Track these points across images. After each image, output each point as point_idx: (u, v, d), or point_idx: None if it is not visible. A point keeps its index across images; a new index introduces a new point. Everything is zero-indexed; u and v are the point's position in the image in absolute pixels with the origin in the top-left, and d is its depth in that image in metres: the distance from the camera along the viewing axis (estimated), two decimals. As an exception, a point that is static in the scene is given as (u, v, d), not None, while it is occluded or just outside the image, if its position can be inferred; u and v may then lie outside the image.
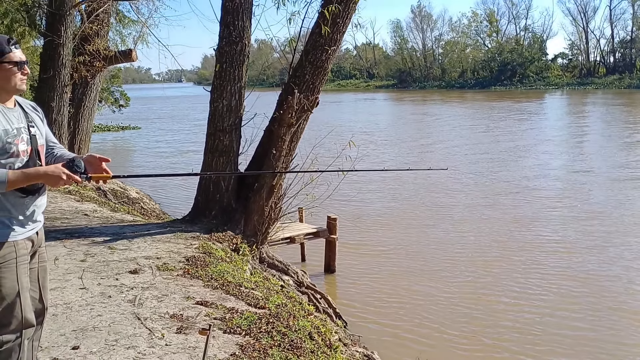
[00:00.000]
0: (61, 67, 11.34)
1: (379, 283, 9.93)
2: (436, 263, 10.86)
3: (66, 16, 11.24)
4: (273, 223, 8.11)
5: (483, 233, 12.79)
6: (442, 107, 53.91)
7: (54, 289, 4.63)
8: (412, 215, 14.54)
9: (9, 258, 2.57)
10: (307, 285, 7.88)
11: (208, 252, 6.27)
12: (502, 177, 19.09)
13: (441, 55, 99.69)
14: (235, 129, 7.85)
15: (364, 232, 12.88)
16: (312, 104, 7.68)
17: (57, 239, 6.43)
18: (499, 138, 29.25)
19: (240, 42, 7.65)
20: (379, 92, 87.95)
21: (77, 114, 13.12)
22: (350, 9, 7.56)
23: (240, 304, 4.71)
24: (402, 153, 25.16)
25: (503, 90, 79.91)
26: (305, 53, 7.71)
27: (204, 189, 8.05)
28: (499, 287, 9.65)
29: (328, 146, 8.58)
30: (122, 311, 4.32)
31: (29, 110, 2.76)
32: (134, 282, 5.03)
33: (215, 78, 7.85)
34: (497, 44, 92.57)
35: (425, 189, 17.66)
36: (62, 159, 2.76)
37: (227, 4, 7.62)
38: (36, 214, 2.72)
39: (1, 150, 2.52)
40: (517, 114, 43.40)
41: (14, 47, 2.59)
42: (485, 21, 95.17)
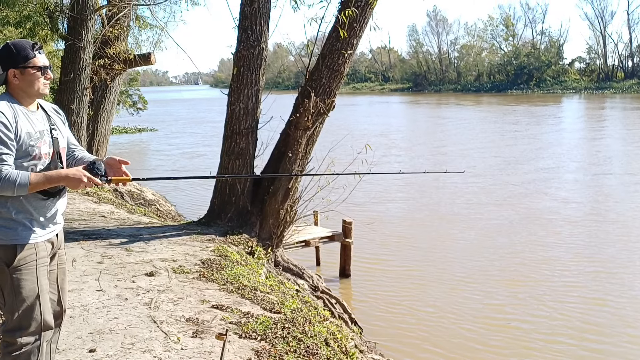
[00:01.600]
0: (81, 70, 11.48)
1: (396, 288, 9.86)
2: (455, 269, 10.70)
3: (87, 20, 11.38)
4: (288, 226, 8.11)
5: (502, 237, 12.61)
6: (457, 110, 53.63)
7: (72, 291, 4.67)
8: (429, 219, 14.44)
9: (29, 260, 2.59)
10: (322, 290, 7.86)
11: (223, 255, 6.28)
12: (520, 181, 18.84)
13: (457, 59, 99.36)
14: (252, 131, 7.87)
15: (380, 236, 12.81)
16: (329, 107, 7.69)
17: (75, 240, 6.48)
18: (516, 141, 29.00)
19: (257, 46, 7.67)
20: (394, 95, 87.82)
21: (96, 116, 13.27)
22: (367, 13, 7.55)
23: (255, 308, 4.70)
24: (418, 156, 25.03)
25: (520, 94, 79.38)
26: (322, 57, 7.72)
27: (219, 191, 8.08)
28: (520, 293, 9.46)
29: (344, 149, 8.55)
30: (138, 314, 4.34)
31: (52, 113, 2.79)
32: (150, 285, 5.05)
33: (233, 81, 7.88)
34: (514, 48, 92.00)
35: (442, 192, 17.54)
36: (83, 161, 2.79)
37: (245, 9, 7.65)
38: (56, 216, 2.74)
39: (24, 152, 2.55)
40: (534, 117, 43.05)
41: (38, 52, 2.62)
42: (502, 25, 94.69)
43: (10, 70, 2.57)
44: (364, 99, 77.74)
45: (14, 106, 2.56)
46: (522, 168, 21.44)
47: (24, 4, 11.91)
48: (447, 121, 42.85)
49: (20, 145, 2.53)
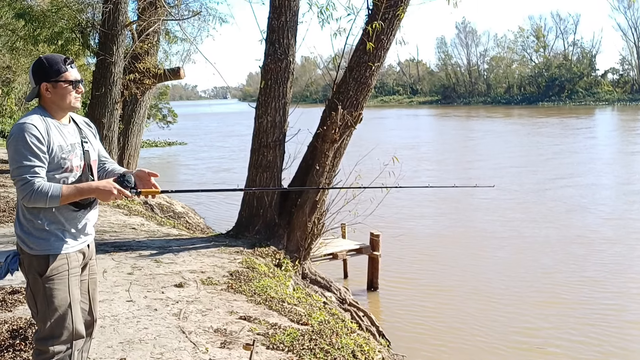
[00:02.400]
0: (112, 85, 11.72)
1: (424, 302, 9.76)
2: (487, 286, 10.49)
3: (118, 36, 11.64)
4: (316, 239, 8.11)
5: (532, 253, 12.33)
6: (487, 122, 53.12)
7: (102, 301, 4.74)
8: (458, 233, 14.26)
9: (61, 270, 2.64)
10: (349, 303, 7.82)
11: (251, 267, 6.31)
12: (551, 195, 18.43)
13: (486, 71, 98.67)
14: (279, 144, 7.92)
15: (408, 250, 12.71)
16: (356, 120, 7.69)
17: (106, 251, 6.59)
18: (548, 155, 28.47)
19: (285, 59, 7.74)
20: (423, 108, 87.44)
21: (126, 130, 13.52)
22: (395, 26, 7.56)
23: (283, 320, 4.71)
24: (446, 169, 24.82)
25: (551, 106, 78.32)
26: (349, 69, 7.75)
27: (247, 204, 8.13)
28: (554, 315, 9.12)
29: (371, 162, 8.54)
30: (168, 324, 4.38)
31: (83, 126, 2.85)
32: (179, 296, 5.10)
33: (260, 94, 7.95)
34: (545, 59, 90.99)
35: (471, 206, 17.33)
36: (113, 173, 2.84)
37: (272, 23, 7.74)
38: (88, 227, 2.79)
39: (56, 165, 2.60)
40: (567, 130, 42.35)
41: (70, 67, 2.68)
42: (532, 36, 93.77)
43: (43, 84, 2.63)
44: (391, 112, 77.59)
45: (46, 119, 2.62)
46: (556, 183, 20.86)
47: (56, 20, 12.23)
48: (477, 134, 42.46)
49: (53, 157, 2.59)
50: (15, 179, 2.53)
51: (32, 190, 2.48)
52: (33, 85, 2.67)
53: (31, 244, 2.62)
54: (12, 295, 4.86)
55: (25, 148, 2.50)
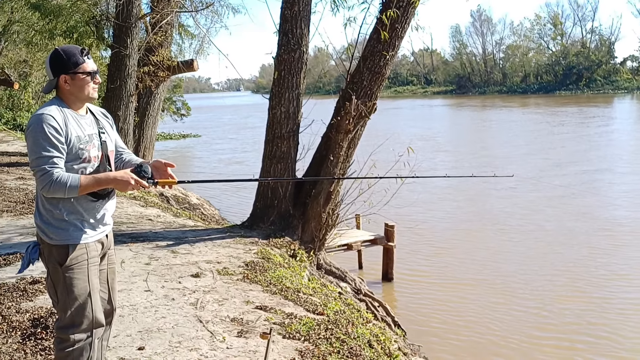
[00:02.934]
0: (127, 78, 11.78)
1: (439, 292, 9.75)
2: (499, 274, 10.46)
3: (132, 28, 11.69)
4: (330, 229, 8.12)
5: (551, 244, 12.15)
6: (504, 112, 52.66)
7: (121, 291, 4.79)
8: (474, 224, 14.16)
9: (80, 260, 2.68)
10: (364, 293, 7.84)
11: (266, 258, 6.34)
12: (571, 186, 17.99)
13: (502, 60, 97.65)
14: (293, 135, 7.92)
15: (423, 240, 12.68)
16: (370, 110, 7.67)
17: (124, 242, 6.66)
18: (565, 144, 28.05)
19: (298, 49, 7.73)
20: (437, 98, 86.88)
21: (142, 122, 13.60)
22: (409, 14, 7.51)
23: (298, 310, 4.73)
24: (462, 160, 24.63)
25: (568, 95, 77.47)
26: (363, 59, 7.72)
27: (262, 195, 8.16)
28: (576, 309, 8.94)
29: (386, 153, 8.51)
30: (185, 314, 4.43)
31: (100, 117, 2.88)
32: (196, 286, 5.15)
33: (274, 85, 7.95)
34: (562, 47, 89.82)
35: (488, 197, 17.20)
36: (131, 164, 2.86)
37: (285, 13, 7.72)
38: (106, 217, 2.83)
39: (74, 156, 2.63)
40: (585, 118, 41.78)
41: (87, 58, 2.70)
42: (549, 24, 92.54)
43: (62, 76, 2.66)
44: (406, 102, 77.21)
45: (64, 110, 2.65)
46: (577, 173, 20.42)
47: (71, 13, 12.30)
48: (493, 124, 42.12)
49: (71, 148, 2.62)
50: (34, 170, 2.56)
51: (50, 180, 2.51)
52: (51, 78, 2.69)
53: (51, 234, 2.66)
54: (33, 285, 4.93)
55: (43, 139, 2.53)
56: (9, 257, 5.91)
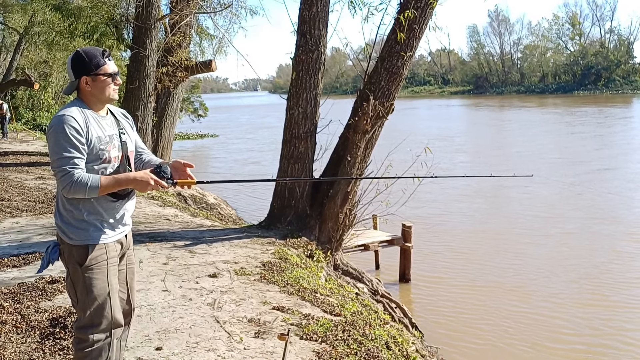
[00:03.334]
0: (146, 78, 11.87)
1: (457, 294, 9.67)
2: (519, 277, 10.31)
3: (151, 29, 11.77)
4: (347, 230, 8.10)
5: (572, 247, 11.96)
6: (522, 112, 52.18)
7: (139, 291, 4.81)
8: (493, 225, 14.02)
9: (100, 260, 2.69)
10: (382, 294, 7.81)
11: (283, 258, 6.34)
12: (595, 188, 17.57)
13: (520, 60, 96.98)
14: (311, 135, 7.92)
15: (441, 241, 12.60)
16: (387, 111, 7.64)
17: (141, 242, 6.70)
18: (585, 144, 27.67)
19: (316, 50, 7.72)
20: (455, 98, 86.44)
21: (160, 122, 13.70)
22: (427, 14, 7.47)
23: (316, 311, 4.72)
24: (480, 160, 24.43)
25: (587, 95, 76.66)
26: (381, 59, 7.68)
27: (279, 195, 8.16)
28: (598, 316, 8.73)
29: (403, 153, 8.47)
30: (202, 314, 4.44)
31: (120, 117, 2.89)
32: (213, 286, 5.16)
33: (292, 86, 7.96)
34: (580, 47, 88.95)
35: (507, 197, 17.02)
36: (150, 164, 2.87)
37: (304, 14, 7.72)
38: (125, 217, 2.84)
39: (95, 156, 2.65)
40: (606, 119, 41.23)
41: (108, 59, 2.71)
42: (568, 24, 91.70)
43: (83, 77, 2.67)
44: (423, 102, 76.89)
45: (85, 111, 2.66)
46: (600, 174, 20.04)
47: (91, 15, 12.42)
48: (511, 124, 41.76)
49: (91, 149, 2.63)
50: (55, 170, 2.58)
51: (71, 181, 2.53)
52: (72, 79, 2.70)
53: (71, 234, 2.67)
54: (52, 285, 4.98)
55: (64, 140, 2.54)
56: (29, 257, 5.98)
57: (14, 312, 4.32)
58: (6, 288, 4.93)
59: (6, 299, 4.62)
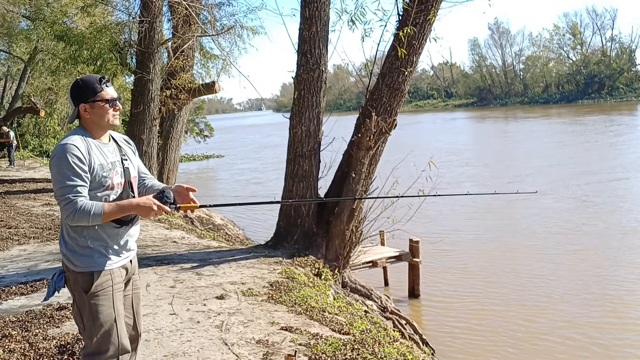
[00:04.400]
0: (150, 102, 11.97)
1: (467, 309, 9.58)
2: (527, 293, 10.16)
3: (154, 54, 11.89)
4: (354, 247, 8.09)
5: (580, 264, 11.71)
6: (526, 123, 52.12)
7: (146, 315, 4.81)
8: (499, 240, 13.90)
9: (105, 286, 2.70)
10: (391, 311, 7.76)
11: (291, 277, 6.32)
12: (599, 201, 17.36)
13: (522, 71, 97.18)
14: (315, 153, 7.94)
15: (449, 256, 12.53)
16: (390, 126, 7.66)
17: (149, 265, 6.70)
18: (591, 156, 27.34)
19: (317, 69, 7.78)
20: (458, 111, 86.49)
21: (165, 145, 13.76)
22: (426, 30, 7.52)
23: (324, 330, 4.70)
24: (485, 174, 24.32)
25: (591, 104, 76.59)
26: (382, 76, 7.73)
27: (285, 214, 8.17)
28: (609, 328, 8.59)
29: (408, 168, 8.46)
30: (210, 336, 4.42)
31: (122, 143, 2.91)
32: (221, 308, 5.14)
33: (294, 105, 8.00)
34: (582, 57, 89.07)
35: (512, 212, 16.89)
36: (153, 189, 2.89)
37: (304, 34, 7.79)
38: (130, 243, 2.84)
39: (97, 184, 2.66)
40: (609, 127, 41.10)
41: (105, 86, 2.74)
42: (568, 34, 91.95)
43: (81, 105, 2.71)
44: (427, 116, 76.97)
45: (87, 139, 2.69)
46: (602, 186, 19.67)
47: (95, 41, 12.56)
48: (516, 135, 41.65)
49: (94, 176, 2.65)
50: (58, 199, 2.60)
51: (75, 209, 2.54)
52: (73, 107, 2.75)
53: (76, 261, 2.68)
54: (60, 312, 4.98)
55: (67, 168, 2.56)
56: (36, 284, 5.99)
57: (21, 340, 4.32)
58: (14, 316, 4.93)
59: (14, 327, 4.62)
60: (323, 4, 7.73)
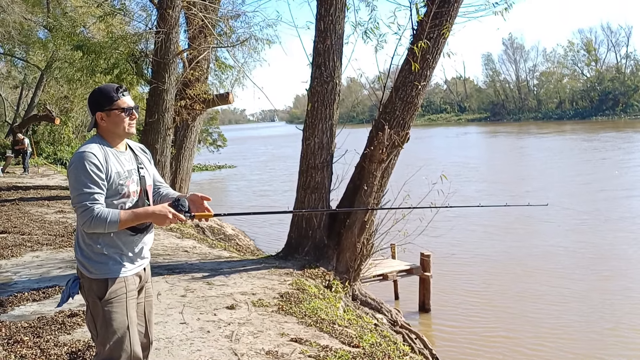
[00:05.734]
0: (165, 112, 12.06)
1: (478, 325, 9.51)
2: (539, 310, 10.08)
3: (170, 64, 11.99)
4: (365, 259, 8.07)
5: (591, 278, 11.70)
6: (539, 139, 51.89)
7: (157, 324, 4.82)
8: (510, 253, 13.85)
9: (119, 293, 2.72)
10: (401, 324, 7.72)
11: (301, 289, 6.32)
12: (611, 215, 17.34)
13: (536, 86, 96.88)
14: (327, 165, 7.96)
15: (460, 270, 12.46)
16: (403, 140, 7.66)
17: (160, 274, 6.73)
18: (603, 171, 27.22)
19: (331, 81, 7.81)
20: (471, 126, 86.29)
21: (178, 154, 13.86)
22: (440, 44, 7.54)
23: (334, 342, 4.68)
24: (497, 188, 24.23)
25: (605, 121, 76.11)
26: (395, 89, 7.75)
27: (296, 225, 8.18)
28: (609, 338, 8.60)
29: (419, 181, 8.45)
30: (220, 346, 4.43)
31: (139, 152, 2.95)
32: (231, 318, 5.15)
33: (307, 117, 8.03)
34: (597, 73, 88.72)
35: (524, 225, 16.82)
36: (168, 198, 2.91)
37: (318, 46, 7.84)
38: (144, 250, 2.87)
39: (114, 191, 2.70)
40: (623, 144, 40.81)
41: (122, 95, 2.78)
42: (583, 50, 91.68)
43: (98, 113, 2.75)
44: (439, 130, 76.83)
45: (104, 148, 2.73)
46: (615, 201, 19.59)
47: (112, 52, 12.71)
48: (530, 150, 41.46)
49: (111, 184, 2.69)
50: (75, 206, 2.63)
51: (91, 216, 2.57)
52: (90, 116, 2.79)
53: (90, 268, 2.71)
54: (71, 318, 5.00)
55: (85, 176, 2.60)
56: (49, 290, 6.03)
57: (33, 346, 4.34)
58: (26, 322, 4.96)
59: (26, 333, 4.65)
60: (338, 17, 7.78)
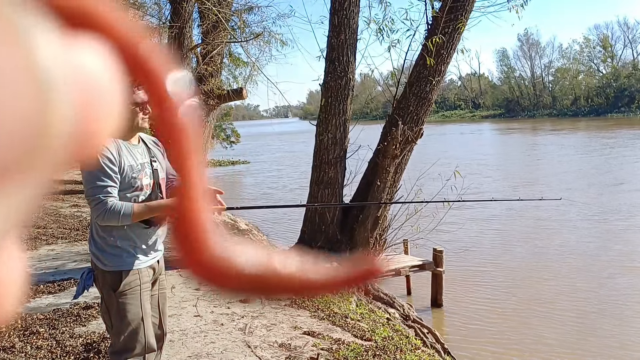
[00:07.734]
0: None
1: (491, 320, 9.47)
2: (553, 305, 9.94)
3: (183, 59, 12.04)
4: (378, 255, 8.07)
5: (605, 273, 11.56)
6: (554, 135, 51.48)
7: (171, 316, 4.86)
8: (523, 248, 13.77)
9: (133, 285, 2.75)
10: (413, 319, 7.71)
11: (314, 283, 6.33)
12: (625, 210, 17.16)
13: (551, 83, 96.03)
14: (340, 161, 7.96)
15: (473, 266, 12.40)
16: (416, 136, 7.65)
17: (174, 268, 6.77)
18: (619, 167, 27.00)
19: (345, 76, 7.81)
20: (485, 122, 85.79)
21: (192, 150, 13.90)
22: (455, 40, 7.50)
23: (346, 335, 4.70)
24: (511, 183, 24.09)
25: (621, 118, 75.29)
26: (409, 85, 7.72)
27: (309, 220, 8.19)
28: (626, 335, 8.46)
29: (433, 177, 8.42)
30: (234, 339, 4.46)
31: (152, 145, 2.97)
32: (244, 311, 5.18)
33: (321, 112, 8.04)
34: (613, 70, 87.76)
35: (537, 220, 16.72)
36: (181, 191, 2.93)
37: (332, 41, 7.83)
38: (157, 243, 2.90)
39: (127, 184, 2.72)
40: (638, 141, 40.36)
41: (135, 89, 2.80)
42: (599, 46, 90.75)
43: None
44: (453, 127, 76.45)
45: (117, 141, 2.75)
46: (630, 196, 19.34)
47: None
48: (545, 147, 41.11)
49: (124, 177, 2.71)
50: (89, 199, 2.66)
51: (105, 209, 2.60)
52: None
53: (105, 260, 2.74)
54: (86, 310, 5.06)
55: (98, 169, 2.62)
56: (64, 283, 6.10)
57: (49, 338, 4.40)
58: (42, 314, 5.03)
59: (42, 325, 4.71)
60: (352, 12, 7.77)
